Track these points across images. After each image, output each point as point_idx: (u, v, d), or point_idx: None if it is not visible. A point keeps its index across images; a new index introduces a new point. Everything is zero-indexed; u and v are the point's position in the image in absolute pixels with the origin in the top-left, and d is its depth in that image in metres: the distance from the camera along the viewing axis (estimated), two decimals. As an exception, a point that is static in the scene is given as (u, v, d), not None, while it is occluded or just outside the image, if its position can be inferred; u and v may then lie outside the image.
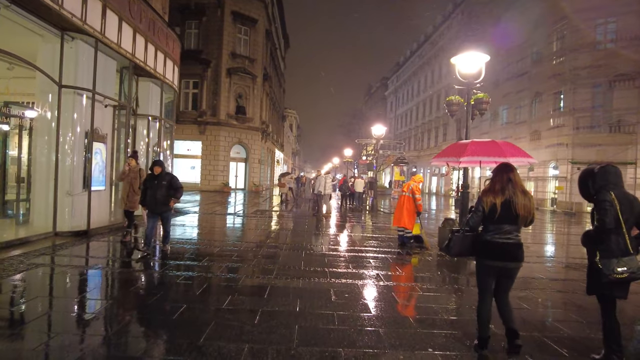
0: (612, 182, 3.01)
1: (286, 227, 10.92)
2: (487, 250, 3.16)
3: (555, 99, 24.08)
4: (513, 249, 3.12)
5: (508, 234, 3.11)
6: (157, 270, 5.58)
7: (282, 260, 6.30)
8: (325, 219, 12.98)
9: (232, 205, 17.16)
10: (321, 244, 8.22)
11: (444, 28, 44.66)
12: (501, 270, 3.15)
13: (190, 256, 6.50)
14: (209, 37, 26.90)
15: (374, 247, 7.95)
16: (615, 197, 2.91)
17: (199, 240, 8.13)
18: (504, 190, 3.11)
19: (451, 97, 8.02)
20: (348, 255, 6.96)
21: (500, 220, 3.10)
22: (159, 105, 10.94)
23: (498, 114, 30.71)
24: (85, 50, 7.37)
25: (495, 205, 3.08)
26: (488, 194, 3.16)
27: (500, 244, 3.10)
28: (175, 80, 11.93)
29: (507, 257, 3.12)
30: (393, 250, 7.66)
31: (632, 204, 2.97)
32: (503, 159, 5.46)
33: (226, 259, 6.33)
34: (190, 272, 5.32)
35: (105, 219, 8.55)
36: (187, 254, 6.69)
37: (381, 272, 5.82)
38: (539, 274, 6.14)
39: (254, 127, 28.76)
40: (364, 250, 7.52)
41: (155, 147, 11.01)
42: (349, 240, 8.90)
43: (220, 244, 7.64)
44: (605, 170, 3.05)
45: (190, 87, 27.26)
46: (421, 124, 47.75)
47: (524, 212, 3.08)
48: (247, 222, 11.70)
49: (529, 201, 3.12)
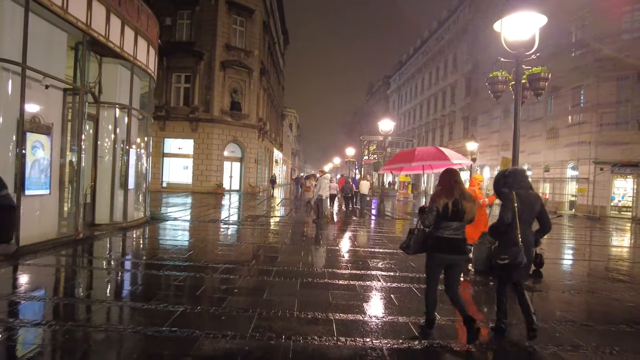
0: (518, 184, 3.56)
1: (280, 239, 9.14)
2: (438, 245, 3.47)
3: (574, 94, 22.27)
4: (460, 243, 3.48)
5: (456, 230, 3.45)
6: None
7: (267, 298, 4.51)
8: (326, 226, 11.23)
9: (223, 210, 15.37)
10: (323, 265, 6.42)
11: (449, 23, 42.93)
12: (449, 262, 3.52)
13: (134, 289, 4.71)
14: (202, 28, 25.14)
15: (398, 269, 6.16)
16: (516, 196, 3.47)
17: (155, 262, 6.36)
18: (452, 192, 3.44)
19: (495, 72, 6.23)
20: (363, 287, 5.16)
21: (450, 218, 3.41)
22: (129, 92, 9.15)
23: (510, 111, 28.86)
24: (10, 9, 5.60)
25: (447, 205, 3.40)
26: (440, 196, 3.46)
27: (449, 239, 3.44)
28: (151, 64, 10.15)
29: (455, 250, 3.48)
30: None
31: (533, 204, 3.53)
32: (448, 162, 6.23)
33: (182, 297, 4.57)
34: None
35: (50, 231, 6.78)
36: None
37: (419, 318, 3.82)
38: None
39: (250, 125, 26.97)
40: (387, 277, 5.72)
41: (123, 144, 9.20)
42: (360, 261, 7.10)
43: (183, 269, 5.86)
44: (514, 173, 3.65)
45: (182, 81, 25.49)
46: (425, 123, 45.94)
47: (469, 210, 3.44)
48: (232, 232, 9.94)
49: (472, 201, 3.49)
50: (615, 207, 20.81)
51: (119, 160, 9.15)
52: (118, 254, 6.75)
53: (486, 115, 32.34)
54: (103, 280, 5.27)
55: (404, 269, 6.15)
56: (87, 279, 5.22)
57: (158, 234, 9.03)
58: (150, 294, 4.34)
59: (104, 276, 5.45)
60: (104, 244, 7.31)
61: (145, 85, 10.87)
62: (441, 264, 3.54)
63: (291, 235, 9.46)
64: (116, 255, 6.68)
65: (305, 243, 8.48)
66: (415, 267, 6.33)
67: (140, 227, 9.41)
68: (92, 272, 5.55)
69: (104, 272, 5.60)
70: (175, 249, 7.11)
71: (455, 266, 3.55)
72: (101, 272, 5.57)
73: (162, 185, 25.46)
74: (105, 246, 7.21)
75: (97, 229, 8.38)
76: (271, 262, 6.23)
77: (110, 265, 5.89)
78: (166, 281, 4.99)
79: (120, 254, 6.82)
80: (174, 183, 25.70)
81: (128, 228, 8.97)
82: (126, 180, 9.24)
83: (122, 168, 9.22)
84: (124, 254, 6.75)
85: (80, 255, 6.31)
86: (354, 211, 16.70)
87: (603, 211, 19.99)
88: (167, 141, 25.74)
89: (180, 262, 5.97)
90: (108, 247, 7.20)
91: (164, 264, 5.80)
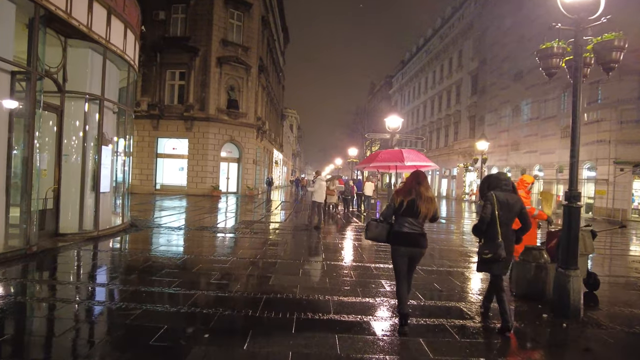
0: (499, 186, 3.94)
1: (275, 252, 7.89)
2: (395, 238, 3.82)
3: (591, 89, 20.95)
4: (416, 237, 3.77)
5: (412, 225, 3.76)
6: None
7: (248, 350, 3.26)
8: (327, 234, 9.99)
9: (215, 215, 14.10)
10: (327, 290, 5.15)
11: (454, 19, 41.68)
12: (409, 254, 3.79)
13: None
14: (197, 23, 23.92)
15: (422, 294, 4.90)
16: (496, 198, 3.83)
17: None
18: (411, 192, 3.78)
19: (549, 43, 4.96)
20: (381, 326, 3.89)
21: (405, 214, 3.78)
22: (101, 81, 7.91)
23: (520, 109, 27.60)
24: None
25: (403, 202, 3.78)
26: (399, 194, 3.86)
27: (405, 233, 3.76)
28: (130, 50, 8.92)
29: (411, 243, 3.77)
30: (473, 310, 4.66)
31: (511, 205, 3.87)
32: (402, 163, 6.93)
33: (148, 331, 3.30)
34: None
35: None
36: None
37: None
38: None
39: (247, 124, 25.72)
40: (412, 307, 4.45)
41: (95, 141, 7.96)
42: (373, 282, 5.83)
43: (142, 299, 4.60)
44: (497, 177, 4.06)
45: (177, 78, 24.27)
46: (429, 122, 44.63)
47: (425, 210, 3.73)
48: (220, 244, 8.70)
49: (430, 202, 3.77)
50: (636, 209, 19.53)
51: (89, 160, 7.90)
52: (70, 276, 5.43)
53: (494, 114, 31.04)
54: (38, 320, 3.93)
55: (429, 295, 4.88)
56: (14, 319, 3.75)
57: (131, 245, 7.76)
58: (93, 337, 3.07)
59: (41, 313, 4.06)
60: (61, 261, 6.04)
61: (126, 77, 9.66)
62: (402, 255, 3.79)
63: (289, 247, 8.20)
64: (67, 277, 5.35)
65: (305, 257, 7.22)
66: (445, 292, 5.06)
67: (115, 236, 8.16)
68: (24, 307, 4.06)
69: (42, 305, 4.21)
70: (145, 266, 5.85)
71: (414, 258, 3.85)
72: (39, 307, 4.11)
73: (156, 188, 24.25)
74: (62, 264, 5.93)
75: (61, 240, 7.14)
76: (261, 286, 4.96)
77: (54, 296, 4.56)
78: (118, 317, 3.74)
79: (75, 275, 5.52)
80: (168, 185, 24.46)
81: (100, 238, 7.72)
82: (98, 182, 7.99)
83: (94, 168, 7.97)
84: (78, 276, 5.45)
85: (19, 278, 5.03)
86: (359, 216, 15.43)
87: (624, 214, 18.69)
88: (160, 141, 24.52)
89: (144, 287, 4.71)
90: (64, 265, 5.91)
91: (124, 289, 4.54)
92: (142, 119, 23.76)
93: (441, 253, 7.99)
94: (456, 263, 6.99)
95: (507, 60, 29.20)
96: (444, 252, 8.25)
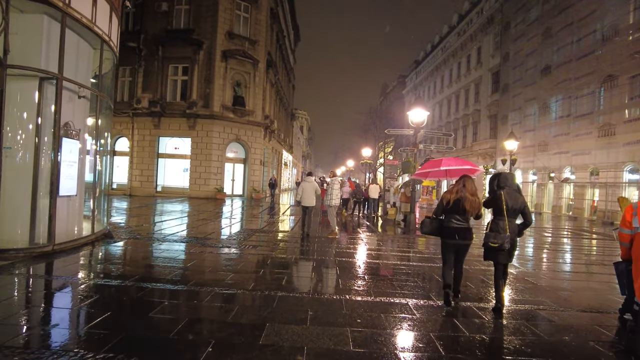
0: (506, 184, 4.36)
1: (276, 278, 6.17)
2: (444, 232, 4.54)
3: (632, 83, 18.83)
4: (462, 231, 4.46)
5: (458, 221, 4.45)
6: None
7: None
8: (334, 241, 8.24)
9: (214, 222, 12.42)
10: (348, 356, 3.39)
11: (472, 15, 39.63)
12: (456, 246, 4.51)
13: None
14: (201, 14, 22.43)
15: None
16: (504, 194, 4.28)
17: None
18: (458, 192, 4.46)
19: None
20: None
21: (453, 211, 4.47)
22: (58, 55, 6.27)
23: (548, 107, 25.47)
24: None
25: (450, 201, 4.46)
26: (447, 193, 4.56)
27: (453, 227, 4.46)
28: (102, 23, 7.28)
29: (457, 236, 4.46)
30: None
31: (516, 200, 4.29)
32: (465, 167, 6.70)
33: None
34: None
35: None
36: None
37: None
38: None
39: (254, 122, 24.10)
40: None
41: (54, 131, 6.33)
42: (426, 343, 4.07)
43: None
44: (504, 176, 4.44)
45: (179, 72, 22.78)
46: (446, 123, 42.50)
47: (470, 208, 4.42)
48: (209, 263, 7.02)
49: (475, 201, 4.45)
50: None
51: (44, 156, 6.27)
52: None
53: (518, 113, 28.90)
54: None
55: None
56: None
57: (91, 265, 6.09)
58: None
59: None
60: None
61: (106, 61, 8.07)
62: (449, 248, 4.55)
63: (294, 268, 6.45)
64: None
65: (315, 284, 5.47)
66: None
67: (78, 251, 6.51)
68: None
69: None
70: (88, 302, 4.16)
71: (461, 249, 4.55)
72: None
73: (157, 190, 22.75)
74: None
75: (1, 257, 5.51)
76: (247, 350, 3.22)
77: None
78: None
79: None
80: (170, 187, 22.94)
81: (55, 254, 6.08)
82: (55, 183, 6.36)
83: (50, 166, 6.34)
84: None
85: None
86: (372, 220, 13.65)
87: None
88: (162, 140, 23.03)
89: (83, 334, 3.01)
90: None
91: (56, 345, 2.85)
92: (142, 116, 22.35)
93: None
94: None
95: (532, 54, 27.14)
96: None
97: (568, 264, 8.52)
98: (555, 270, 7.67)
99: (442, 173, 6.83)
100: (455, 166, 6.56)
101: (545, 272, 7.24)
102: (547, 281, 6.21)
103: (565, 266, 8.19)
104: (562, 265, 8.33)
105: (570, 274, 7.23)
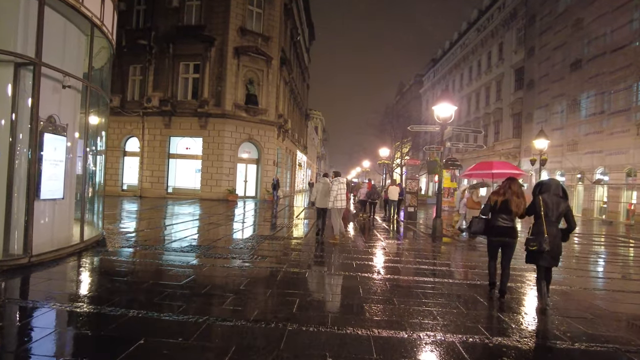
0: (545, 191, 4.63)
1: (286, 301, 5.21)
2: (491, 231, 4.97)
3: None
4: (508, 230, 4.88)
5: (505, 220, 4.87)
6: None
7: None
8: (335, 246, 7.23)
9: (221, 227, 11.54)
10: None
11: (493, 10, 38.07)
12: (502, 243, 4.95)
13: None
14: (213, 10, 21.74)
15: None
16: (542, 200, 4.56)
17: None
18: (505, 193, 4.92)
19: None
20: None
21: (499, 211, 4.91)
22: (35, 39, 5.44)
23: (578, 104, 23.92)
24: None
25: (497, 202, 4.93)
26: (494, 195, 5.03)
27: (499, 226, 4.88)
28: (92, 4, 6.46)
29: (502, 234, 4.89)
30: None
31: (558, 205, 4.52)
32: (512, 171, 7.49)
33: None
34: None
35: None
36: None
37: None
38: None
39: (268, 121, 23.27)
40: None
41: (31, 126, 5.50)
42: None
43: None
44: (547, 182, 4.71)
45: (190, 70, 22.12)
46: (465, 123, 40.90)
47: (515, 208, 4.84)
48: (207, 281, 6.12)
49: (520, 202, 4.87)
50: None
51: (20, 154, 5.45)
52: None
53: (544, 110, 27.35)
54: None
55: None
56: None
57: (65, 282, 5.23)
58: None
59: None
60: None
61: (104, 49, 7.28)
62: (495, 245, 5.04)
63: (308, 287, 5.49)
64: None
65: (335, 312, 4.49)
66: None
67: (58, 263, 5.66)
68: None
69: None
70: (39, 338, 3.28)
71: (506, 246, 4.95)
72: None
73: (168, 191, 22.12)
74: None
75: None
76: None
77: None
78: None
79: None
80: (181, 188, 22.29)
81: (31, 267, 5.25)
82: (34, 185, 5.53)
83: (28, 166, 5.52)
84: None
85: None
86: (391, 223, 12.58)
87: None
88: (173, 140, 22.40)
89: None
90: None
91: None
92: (153, 115, 21.76)
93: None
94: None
95: (560, 48, 25.61)
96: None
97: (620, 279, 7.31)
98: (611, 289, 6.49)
99: (488, 174, 6.90)
100: (504, 170, 6.85)
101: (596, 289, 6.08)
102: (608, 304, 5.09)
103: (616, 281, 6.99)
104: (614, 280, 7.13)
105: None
